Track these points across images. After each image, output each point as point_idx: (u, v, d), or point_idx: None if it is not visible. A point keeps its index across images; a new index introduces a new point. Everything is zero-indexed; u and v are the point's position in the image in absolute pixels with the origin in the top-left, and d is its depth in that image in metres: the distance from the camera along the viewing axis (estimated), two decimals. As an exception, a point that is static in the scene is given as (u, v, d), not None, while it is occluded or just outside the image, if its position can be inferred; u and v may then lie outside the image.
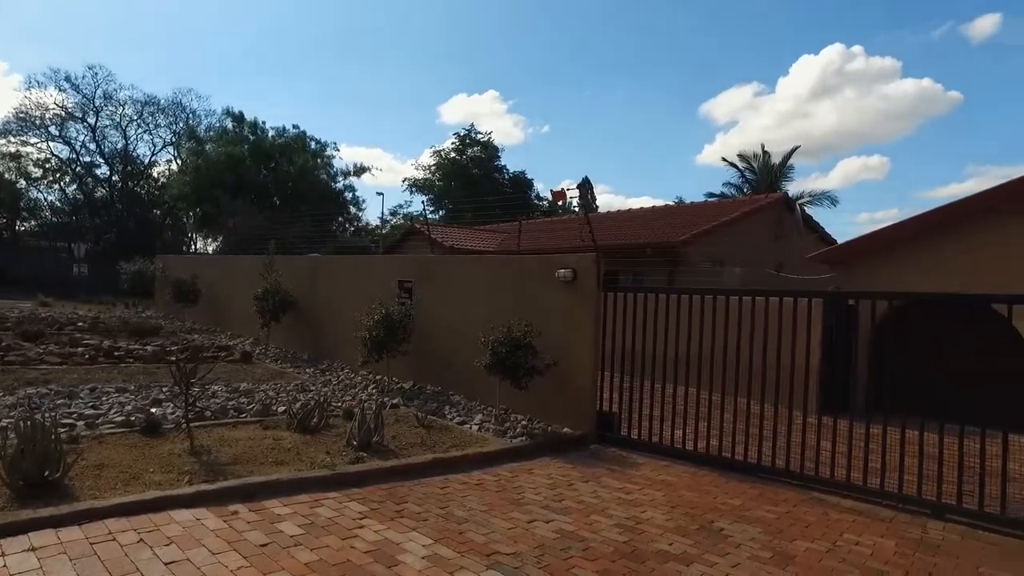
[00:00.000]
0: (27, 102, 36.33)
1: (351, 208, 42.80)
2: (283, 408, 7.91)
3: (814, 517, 5.53)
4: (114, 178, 39.93)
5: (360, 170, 42.23)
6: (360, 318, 9.87)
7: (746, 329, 7.06)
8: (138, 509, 4.57)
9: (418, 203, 47.97)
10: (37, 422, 4.83)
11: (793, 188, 32.10)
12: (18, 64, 69.25)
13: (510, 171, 46.81)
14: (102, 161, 39.49)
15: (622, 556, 4.45)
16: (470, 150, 45.96)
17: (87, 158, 39.18)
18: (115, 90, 38.39)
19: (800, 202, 23.23)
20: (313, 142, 39.93)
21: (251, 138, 38.34)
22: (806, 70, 61.51)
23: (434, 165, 46.70)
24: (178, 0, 61.62)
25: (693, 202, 24.04)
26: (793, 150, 33.14)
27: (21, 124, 36.34)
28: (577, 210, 34.61)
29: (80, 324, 15.29)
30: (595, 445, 7.79)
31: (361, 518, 4.86)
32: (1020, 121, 58.15)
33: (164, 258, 21.87)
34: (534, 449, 7.23)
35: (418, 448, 6.77)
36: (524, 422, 8.14)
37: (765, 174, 32.26)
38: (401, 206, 48.68)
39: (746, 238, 16.78)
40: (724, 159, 36.45)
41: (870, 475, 6.08)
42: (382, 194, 60.58)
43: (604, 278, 8.21)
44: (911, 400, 5.98)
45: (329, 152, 40.73)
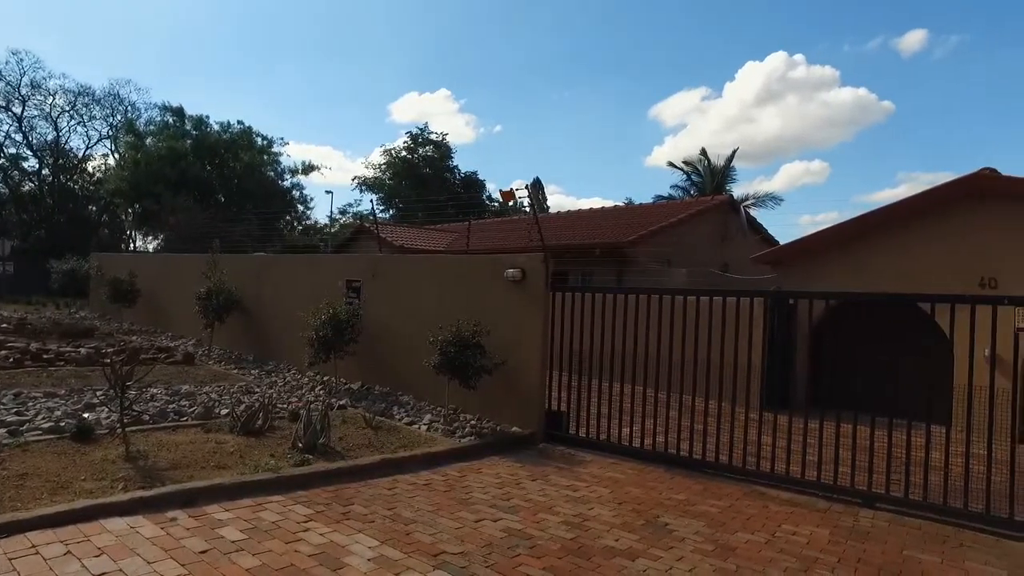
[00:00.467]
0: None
1: (299, 207, 42.05)
2: (226, 411, 7.69)
3: (755, 510, 5.71)
4: (44, 172, 38.13)
5: (309, 168, 41.46)
6: (307, 318, 9.68)
7: (692, 328, 7.23)
8: (66, 520, 4.35)
9: (368, 202, 47.39)
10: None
11: (739, 191, 33.10)
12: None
13: (462, 171, 46.61)
14: (30, 153, 37.72)
15: (569, 553, 4.49)
16: (422, 149, 45.58)
17: (12, 150, 37.36)
18: (44, 78, 36.79)
19: (745, 204, 23.92)
20: (260, 138, 38.98)
21: (194, 133, 37.15)
22: (751, 76, 63.42)
23: (385, 164, 46.12)
24: (115, -12, 59.07)
25: (642, 203, 24.46)
26: (734, 152, 34.10)
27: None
28: (528, 210, 34.76)
29: (4, 326, 14.50)
30: (544, 444, 7.85)
31: (306, 521, 4.77)
32: (944, 131, 61.44)
33: (100, 256, 20.92)
34: (483, 448, 7.23)
35: (366, 449, 6.69)
36: (473, 422, 8.14)
37: (711, 177, 33.08)
38: (351, 205, 48.01)
39: (693, 239, 17.15)
40: (671, 162, 37.25)
41: (808, 468, 6.33)
42: (331, 193, 59.14)
43: (553, 278, 8.28)
44: (846, 395, 6.25)
45: (276, 149, 39.92)
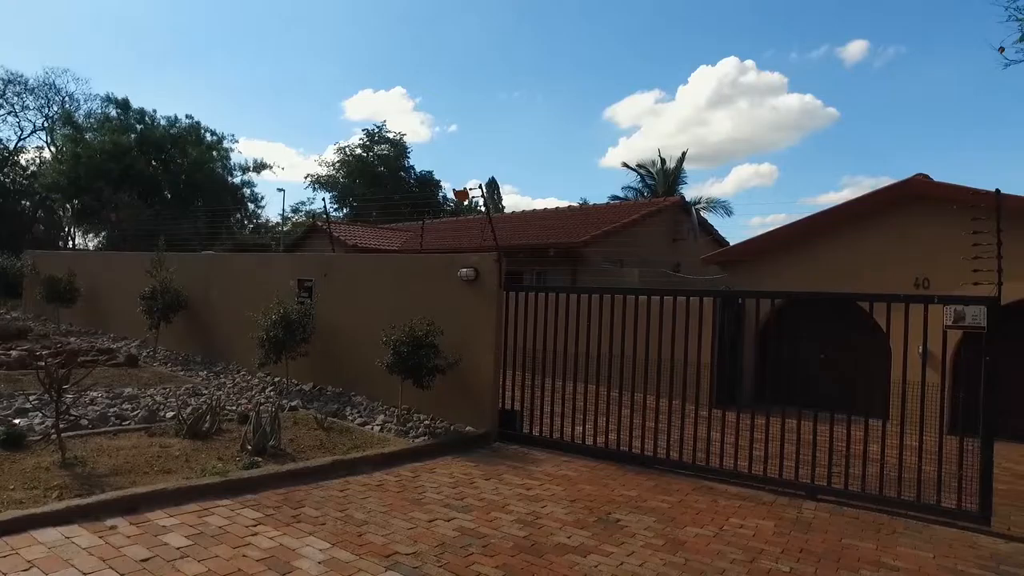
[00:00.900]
0: None
1: (250, 204, 41.06)
2: (172, 413, 7.46)
3: (704, 504, 5.84)
4: (-31, 164, 36.34)
5: (261, 166, 40.59)
6: (257, 318, 9.47)
7: (644, 327, 7.35)
8: (-8, 531, 4.15)
9: (321, 200, 46.58)
10: None
11: (691, 192, 33.80)
12: None
13: (417, 170, 46.26)
14: (-47, 144, 35.86)
15: (522, 550, 4.52)
16: (377, 147, 45.04)
17: (-68, 139, 35.36)
18: (-32, 64, 34.95)
19: (697, 207, 24.39)
20: (209, 134, 37.98)
21: (139, 127, 35.84)
22: (704, 80, 64.74)
23: (339, 162, 45.40)
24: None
25: (596, 204, 24.59)
26: (684, 155, 34.74)
27: None
28: (483, 210, 34.77)
29: (-70, 327, 13.75)
30: (497, 443, 7.87)
31: (255, 525, 4.67)
32: (885, 137, 64.00)
33: (35, 254, 19.98)
34: (436, 448, 7.20)
35: (317, 451, 6.59)
36: (427, 421, 8.10)
37: (663, 179, 33.65)
38: (303, 203, 47.00)
39: (645, 239, 17.40)
40: (625, 163, 37.75)
41: (755, 463, 6.52)
42: (283, 190, 58.09)
43: (507, 277, 8.31)
44: (791, 391, 6.46)
45: (227, 145, 38.92)
